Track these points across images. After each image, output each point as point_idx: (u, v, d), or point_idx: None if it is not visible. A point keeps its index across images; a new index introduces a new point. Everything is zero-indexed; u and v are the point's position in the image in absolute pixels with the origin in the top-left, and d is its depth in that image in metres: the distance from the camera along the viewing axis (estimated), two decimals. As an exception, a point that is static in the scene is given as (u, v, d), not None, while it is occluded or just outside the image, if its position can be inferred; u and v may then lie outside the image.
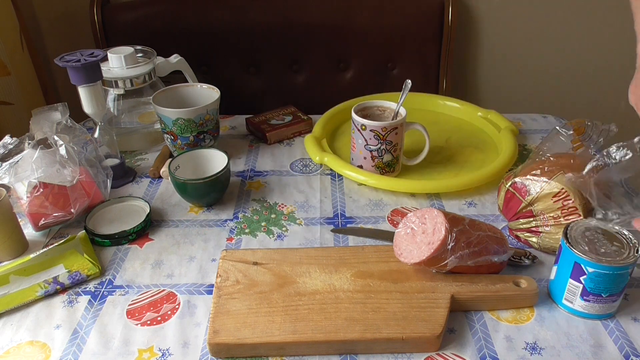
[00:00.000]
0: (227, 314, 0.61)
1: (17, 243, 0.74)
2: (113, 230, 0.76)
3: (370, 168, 0.89)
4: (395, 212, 0.83)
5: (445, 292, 0.63)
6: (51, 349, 0.60)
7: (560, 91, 1.55)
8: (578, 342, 0.61)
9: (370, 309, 0.61)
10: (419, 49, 1.42)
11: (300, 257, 0.69)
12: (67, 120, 0.82)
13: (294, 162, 0.97)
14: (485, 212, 0.83)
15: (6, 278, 0.67)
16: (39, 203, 0.74)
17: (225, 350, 0.59)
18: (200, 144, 0.94)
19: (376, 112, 0.91)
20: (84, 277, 0.69)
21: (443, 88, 1.46)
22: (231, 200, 0.86)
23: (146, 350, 0.60)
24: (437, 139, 1.00)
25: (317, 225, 0.80)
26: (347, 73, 1.46)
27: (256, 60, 1.45)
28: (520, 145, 1.00)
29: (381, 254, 0.70)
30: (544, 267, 0.71)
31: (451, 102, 1.12)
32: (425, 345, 0.59)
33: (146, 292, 0.68)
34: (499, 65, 1.55)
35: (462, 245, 0.62)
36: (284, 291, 0.64)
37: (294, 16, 1.39)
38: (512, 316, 0.64)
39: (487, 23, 1.48)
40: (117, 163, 0.89)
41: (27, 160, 0.74)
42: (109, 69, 0.94)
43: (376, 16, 1.38)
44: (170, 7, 1.38)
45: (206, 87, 0.98)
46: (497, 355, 0.59)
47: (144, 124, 1.02)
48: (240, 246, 0.76)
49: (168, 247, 0.76)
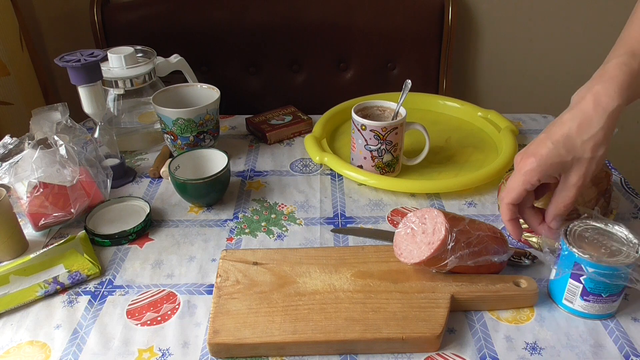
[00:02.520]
0: (227, 314, 0.61)
1: (17, 243, 0.74)
2: (113, 230, 0.76)
3: (370, 168, 0.89)
4: (395, 212, 0.83)
5: (445, 292, 0.63)
6: (51, 349, 0.60)
7: (560, 91, 1.55)
8: (578, 342, 0.61)
9: (370, 309, 0.61)
10: (419, 49, 1.42)
11: (300, 257, 0.69)
12: (67, 120, 0.82)
13: (294, 162, 0.97)
14: (485, 212, 0.83)
15: (6, 278, 0.67)
16: (39, 203, 0.74)
17: (225, 350, 0.59)
18: (200, 144, 0.94)
19: (376, 112, 0.91)
20: (84, 277, 0.69)
21: (443, 88, 1.46)
22: (231, 200, 0.86)
23: (146, 350, 0.60)
24: (437, 139, 1.00)
25: (317, 225, 0.80)
26: (347, 73, 1.46)
27: (256, 60, 1.45)
28: (520, 145, 1.00)
29: (381, 254, 0.70)
30: (544, 267, 0.71)
31: (451, 102, 1.12)
32: (425, 345, 0.59)
33: (146, 292, 0.68)
34: (499, 65, 1.55)
35: (462, 245, 0.62)
36: (284, 291, 0.64)
37: (294, 16, 1.39)
38: (512, 316, 0.64)
39: (487, 23, 1.49)
40: (117, 163, 0.89)
41: (27, 160, 0.74)
42: (109, 69, 0.94)
43: (376, 16, 1.38)
44: (170, 7, 1.38)
45: (206, 87, 0.98)
46: (497, 355, 0.59)
47: (144, 124, 1.02)
48: (240, 246, 0.76)
49: (168, 247, 0.76)
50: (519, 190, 0.62)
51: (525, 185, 0.61)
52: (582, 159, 0.59)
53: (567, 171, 0.60)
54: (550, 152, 0.59)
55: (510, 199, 0.63)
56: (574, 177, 0.60)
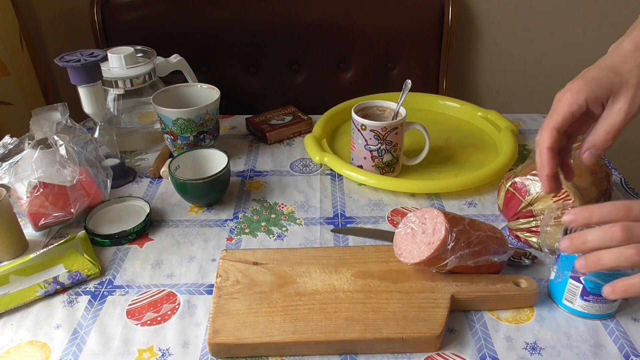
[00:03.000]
0: (227, 314, 0.61)
1: (17, 243, 0.74)
2: (113, 230, 0.76)
3: (370, 168, 0.89)
4: (395, 212, 0.83)
5: (445, 292, 0.63)
6: (51, 349, 0.60)
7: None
8: (578, 342, 0.61)
9: (370, 309, 0.61)
10: (419, 49, 1.42)
11: (300, 257, 0.69)
12: (67, 120, 0.82)
13: (294, 162, 0.97)
14: (485, 212, 0.83)
15: (6, 278, 0.67)
16: (39, 203, 0.74)
17: (225, 350, 0.59)
18: (200, 144, 0.94)
19: (376, 112, 0.91)
20: (84, 277, 0.69)
21: (443, 88, 1.46)
22: (231, 200, 0.86)
23: (146, 350, 0.60)
24: (437, 139, 1.00)
25: (317, 225, 0.80)
26: (347, 73, 1.46)
27: (256, 60, 1.45)
28: (520, 145, 1.00)
29: (381, 254, 0.70)
30: (544, 267, 0.71)
31: (451, 102, 1.12)
32: (425, 345, 0.59)
33: (146, 292, 0.68)
34: (499, 65, 1.55)
35: (462, 245, 0.62)
36: (284, 291, 0.64)
37: (294, 16, 1.39)
38: (512, 316, 0.64)
39: (487, 23, 1.49)
40: (117, 163, 0.89)
41: (27, 160, 0.74)
42: (109, 69, 0.94)
43: (376, 16, 1.38)
44: (170, 7, 1.38)
45: (206, 87, 0.98)
46: (497, 355, 0.59)
47: (144, 124, 1.02)
48: (240, 246, 0.76)
49: (168, 247, 0.76)
50: (564, 112, 0.56)
51: (571, 106, 0.55)
52: (630, 83, 0.55)
53: (615, 94, 0.55)
54: (598, 74, 0.56)
55: (554, 123, 0.56)
56: (621, 102, 0.55)
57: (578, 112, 0.56)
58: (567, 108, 0.56)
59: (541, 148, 0.57)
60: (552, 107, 0.57)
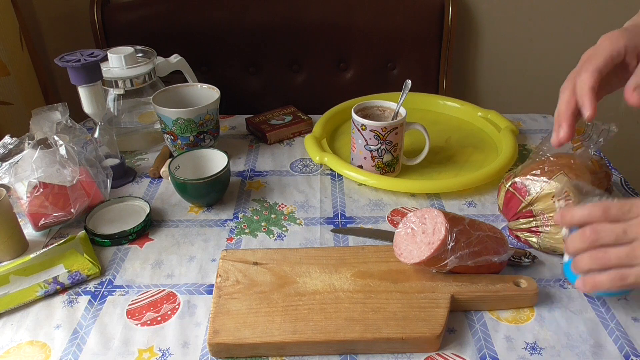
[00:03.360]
0: (227, 314, 0.61)
1: (17, 243, 0.74)
2: (113, 230, 0.76)
3: (370, 168, 0.89)
4: (395, 212, 0.83)
5: (445, 292, 0.63)
6: (51, 349, 0.60)
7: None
8: (578, 342, 0.61)
9: (370, 309, 0.61)
10: (419, 49, 1.42)
11: (300, 257, 0.69)
12: (67, 120, 0.82)
13: (294, 162, 0.97)
14: (485, 212, 0.83)
15: (6, 278, 0.67)
16: (39, 203, 0.74)
17: (225, 350, 0.59)
18: (200, 144, 0.94)
19: (376, 112, 0.91)
20: (84, 277, 0.69)
21: (443, 88, 1.46)
22: (231, 200, 0.86)
23: (146, 350, 0.60)
24: (437, 139, 1.00)
25: (317, 225, 0.80)
26: (347, 73, 1.46)
27: (256, 60, 1.45)
28: (520, 145, 1.00)
29: (381, 254, 0.70)
30: (544, 267, 0.71)
31: (451, 102, 1.12)
32: (425, 345, 0.59)
33: (146, 292, 0.68)
34: (499, 65, 1.55)
35: (462, 245, 0.62)
36: (284, 291, 0.64)
37: (294, 16, 1.39)
38: (512, 316, 0.64)
39: (487, 23, 1.48)
40: (117, 163, 0.89)
41: (27, 160, 0.74)
42: (109, 69, 0.94)
43: (376, 16, 1.38)
44: (170, 7, 1.38)
45: (206, 87, 0.98)
46: (497, 355, 0.59)
47: (144, 124, 1.02)
48: (240, 246, 0.76)
49: (168, 247, 0.76)
50: (605, 55, 0.55)
51: (612, 51, 0.55)
52: None
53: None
54: (633, 29, 0.56)
55: (597, 65, 0.56)
56: None
57: (617, 58, 0.56)
58: (608, 52, 0.55)
59: (583, 88, 0.56)
60: (585, 56, 0.57)
